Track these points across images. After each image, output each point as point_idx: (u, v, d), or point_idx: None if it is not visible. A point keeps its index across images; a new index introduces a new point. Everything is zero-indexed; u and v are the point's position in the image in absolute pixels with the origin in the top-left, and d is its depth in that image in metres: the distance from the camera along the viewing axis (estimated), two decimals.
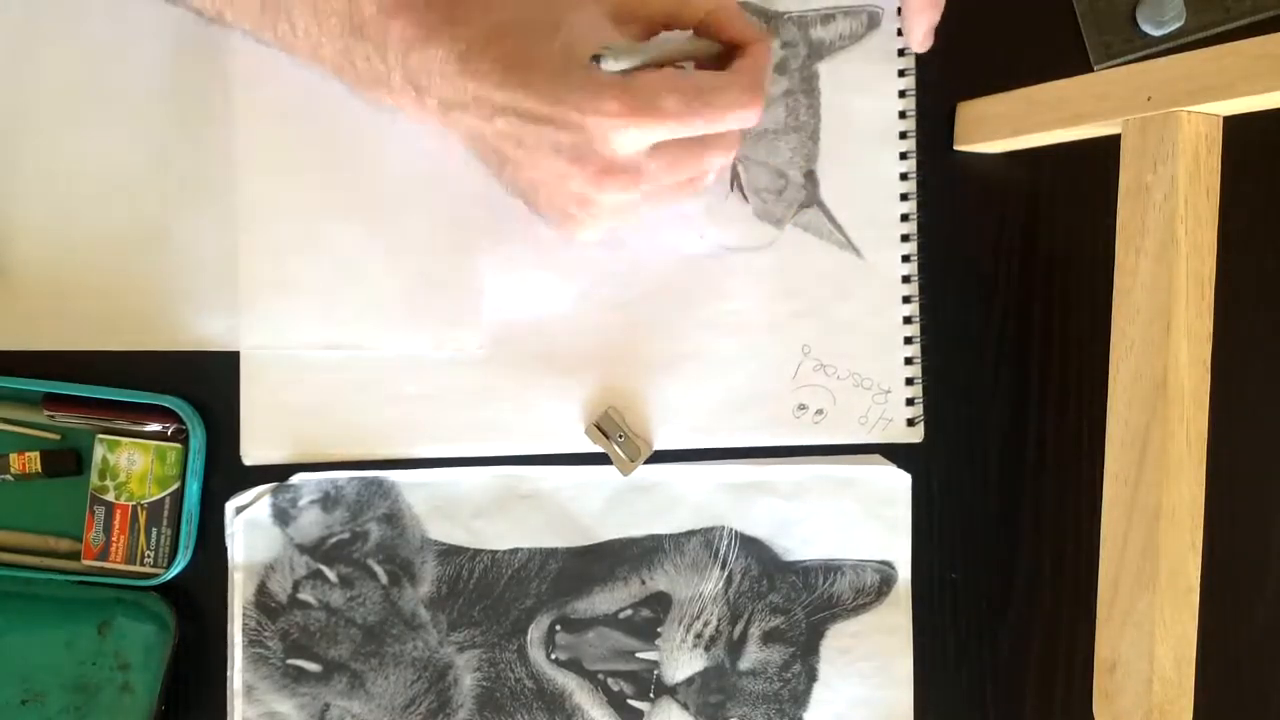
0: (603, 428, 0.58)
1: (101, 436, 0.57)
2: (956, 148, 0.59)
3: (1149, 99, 0.49)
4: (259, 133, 0.57)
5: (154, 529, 0.57)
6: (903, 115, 0.58)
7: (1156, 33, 0.58)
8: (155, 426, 0.57)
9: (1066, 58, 0.58)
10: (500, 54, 0.47)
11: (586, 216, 0.51)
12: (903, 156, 0.59)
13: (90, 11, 0.57)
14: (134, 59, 0.57)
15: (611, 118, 0.46)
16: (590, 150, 0.48)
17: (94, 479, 0.57)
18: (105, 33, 0.57)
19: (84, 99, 0.58)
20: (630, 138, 0.47)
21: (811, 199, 0.59)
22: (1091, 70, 0.58)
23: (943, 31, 0.58)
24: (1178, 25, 0.57)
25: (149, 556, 0.57)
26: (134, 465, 0.57)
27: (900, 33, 0.58)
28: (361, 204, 0.57)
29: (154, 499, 0.57)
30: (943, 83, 0.58)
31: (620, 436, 0.58)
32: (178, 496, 0.57)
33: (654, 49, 0.48)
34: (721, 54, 0.52)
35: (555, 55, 0.47)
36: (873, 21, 0.59)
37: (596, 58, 0.45)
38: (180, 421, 0.57)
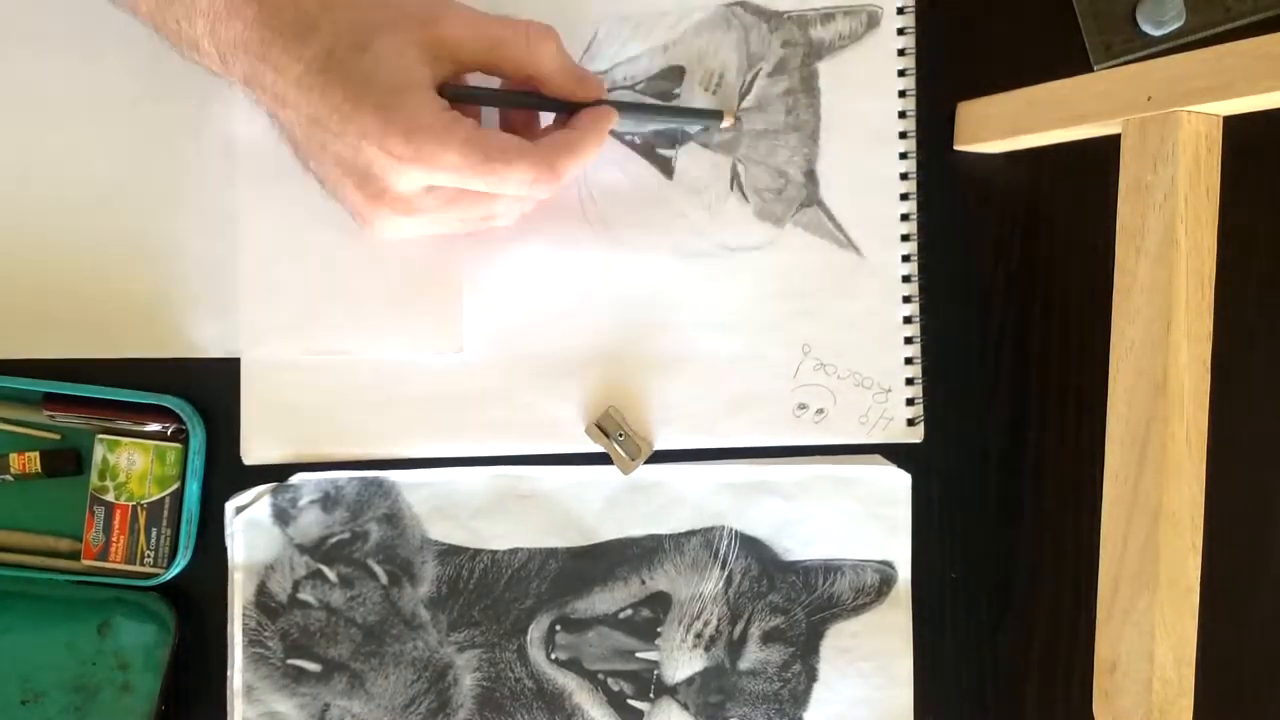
0: (603, 427, 0.58)
1: (101, 436, 0.57)
2: (956, 148, 0.58)
3: (1149, 99, 0.49)
4: (254, 140, 0.57)
5: (154, 529, 0.57)
6: (902, 115, 0.58)
7: (1156, 33, 0.57)
8: (155, 426, 0.57)
9: (1066, 58, 0.58)
10: (303, 53, 0.47)
11: (367, 225, 0.52)
12: (902, 156, 0.59)
13: (86, 17, 0.57)
14: (131, 65, 0.58)
15: (391, 157, 0.47)
16: (369, 173, 0.48)
17: (94, 479, 0.57)
18: (104, 38, 0.57)
19: (83, 106, 0.58)
20: (407, 178, 0.48)
21: (812, 198, 0.59)
22: (1091, 70, 0.58)
23: (943, 31, 0.58)
24: (1178, 25, 0.57)
25: (149, 556, 0.57)
26: (134, 465, 0.57)
27: (900, 32, 0.58)
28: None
29: (154, 499, 0.57)
30: (943, 83, 0.58)
31: (621, 435, 0.58)
32: (177, 496, 0.57)
33: (484, 92, 0.50)
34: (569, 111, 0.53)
35: (357, 74, 0.47)
36: (872, 21, 0.59)
37: (442, 90, 0.46)
38: (180, 421, 0.57)
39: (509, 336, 0.58)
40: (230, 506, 0.58)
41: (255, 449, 0.58)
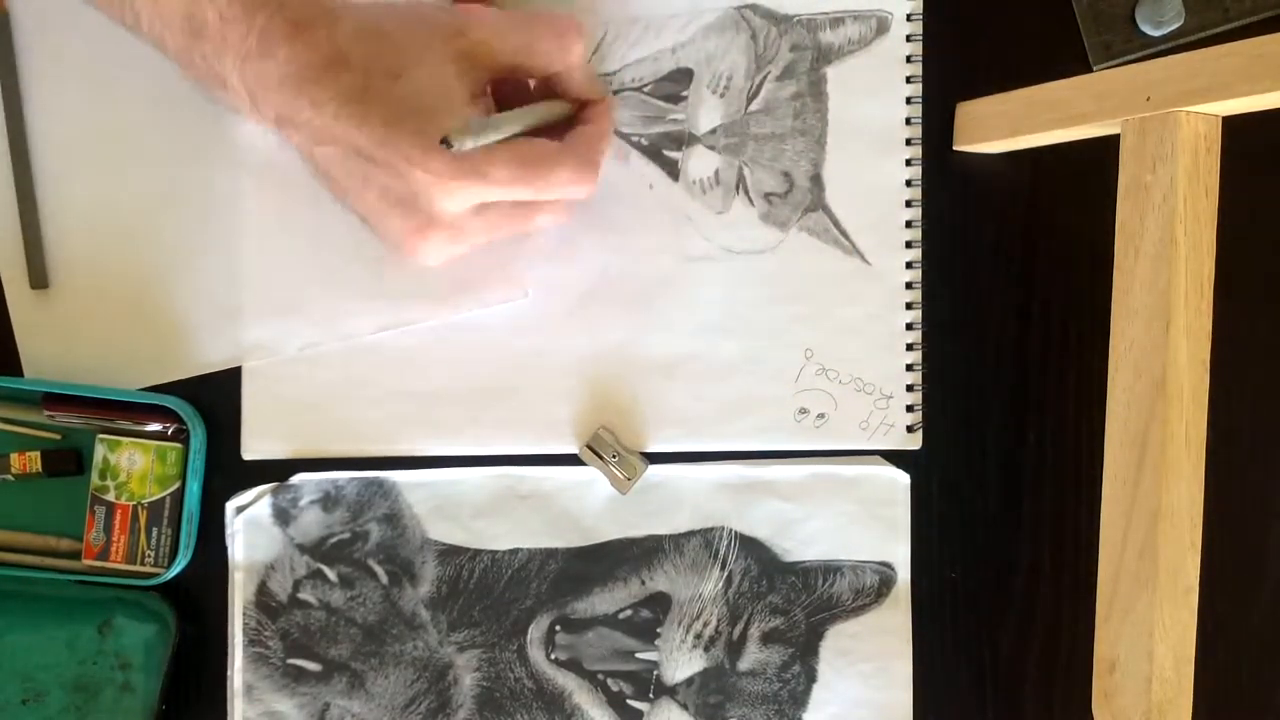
0: (596, 449, 0.58)
1: (102, 436, 0.57)
2: (956, 148, 0.59)
3: (1148, 99, 0.49)
4: (260, 148, 0.58)
5: (154, 529, 0.57)
6: (909, 121, 0.58)
7: (1155, 33, 0.58)
8: (156, 426, 0.57)
9: (1066, 58, 0.58)
10: (339, 86, 0.47)
11: (413, 254, 0.51)
12: (908, 163, 0.59)
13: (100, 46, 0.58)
14: (141, 91, 0.58)
15: (439, 177, 0.47)
16: (414, 201, 0.48)
17: (94, 479, 0.57)
18: (117, 69, 0.58)
19: (113, 139, 0.58)
20: (456, 198, 0.48)
21: (817, 203, 0.59)
22: (1091, 70, 0.58)
23: (942, 32, 0.58)
24: (1177, 25, 0.57)
25: (149, 556, 0.57)
26: (134, 465, 0.57)
27: (909, 39, 0.58)
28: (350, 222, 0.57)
29: (154, 499, 0.57)
30: (942, 83, 0.58)
31: (614, 456, 0.58)
32: (178, 496, 0.57)
33: (504, 123, 0.48)
34: (574, 113, 0.54)
35: (394, 100, 0.47)
36: (882, 26, 0.59)
37: (446, 141, 0.45)
38: (180, 421, 0.57)
39: (509, 336, 0.58)
40: (231, 506, 0.58)
41: (255, 443, 0.58)
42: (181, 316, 0.58)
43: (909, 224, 0.59)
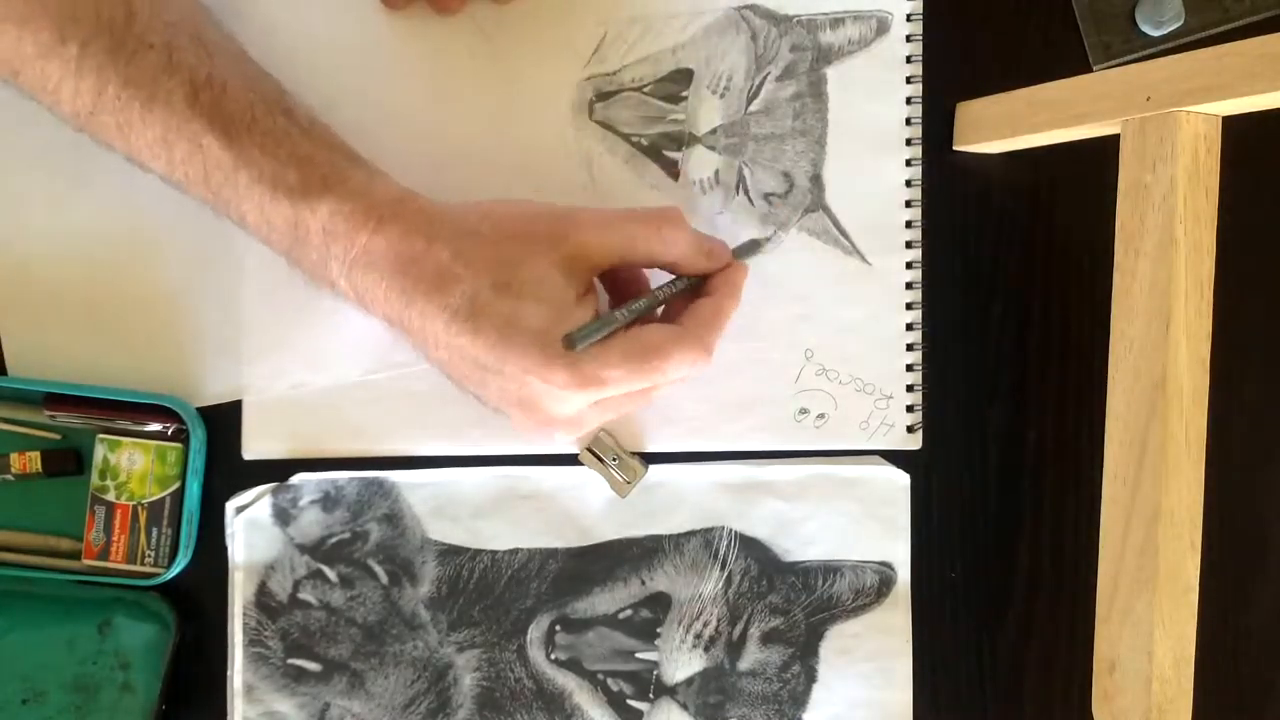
0: (595, 452, 0.58)
1: (102, 436, 0.57)
2: (956, 148, 0.59)
3: (1148, 99, 0.49)
4: None
5: (154, 528, 0.57)
6: (909, 121, 0.58)
7: (1155, 33, 0.58)
8: (156, 426, 0.57)
9: (1066, 58, 0.58)
10: (447, 300, 0.47)
11: (541, 440, 0.53)
12: (908, 163, 0.59)
13: None
14: None
15: (558, 388, 0.47)
16: (535, 403, 0.49)
17: (94, 479, 0.57)
18: None
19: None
20: (574, 402, 0.48)
21: (817, 203, 0.59)
22: (1091, 70, 0.58)
23: (942, 31, 0.58)
24: (1177, 25, 0.57)
25: (149, 556, 0.57)
26: (134, 465, 0.57)
27: (909, 39, 0.58)
28: None
29: (154, 499, 0.57)
30: (942, 83, 0.58)
31: (614, 459, 0.58)
32: (178, 496, 0.57)
33: (619, 319, 0.49)
34: (699, 283, 0.53)
35: (504, 313, 0.47)
36: (882, 27, 0.59)
37: (569, 340, 0.46)
38: (181, 421, 0.57)
39: None
40: (231, 506, 0.58)
41: (256, 442, 0.58)
42: (176, 349, 0.58)
43: (909, 224, 0.59)
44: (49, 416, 0.57)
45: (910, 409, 0.59)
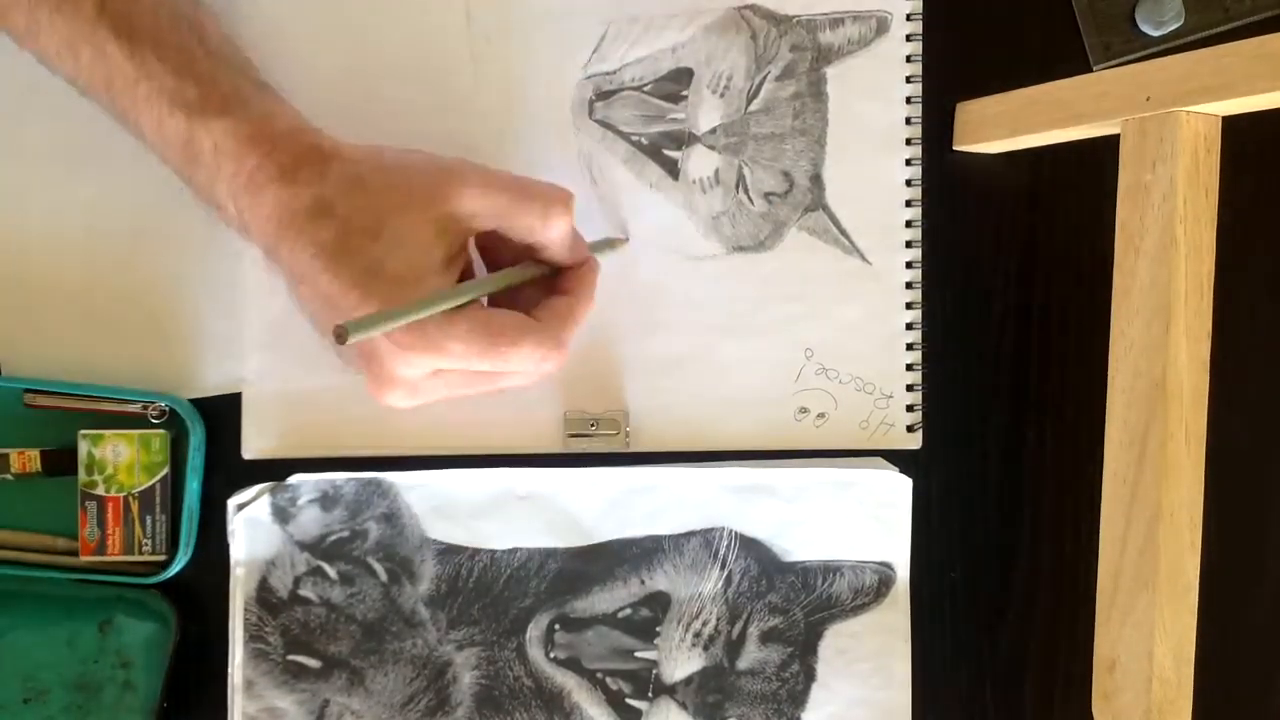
0: (575, 434, 0.58)
1: (84, 432, 0.57)
2: (956, 148, 0.59)
3: (1148, 99, 0.49)
4: None
5: (148, 516, 0.57)
6: (909, 121, 0.59)
7: (1155, 33, 0.58)
8: (135, 407, 0.57)
9: (1066, 58, 0.58)
10: (317, 236, 0.47)
11: (377, 398, 0.51)
12: (908, 163, 0.59)
13: None
14: None
15: (395, 344, 0.47)
16: (375, 356, 0.49)
17: (82, 475, 0.57)
18: None
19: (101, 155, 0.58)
20: (413, 365, 0.48)
21: (817, 202, 0.59)
22: (1091, 70, 0.58)
23: (943, 31, 0.58)
24: (1177, 25, 0.57)
25: (146, 545, 0.57)
26: (120, 457, 0.57)
27: (909, 39, 0.58)
28: None
29: (144, 487, 0.57)
30: (942, 83, 0.59)
31: (592, 425, 0.58)
32: (167, 482, 0.57)
33: (412, 313, 0.46)
34: (552, 274, 0.53)
35: (367, 260, 0.47)
36: (881, 27, 0.59)
37: (339, 333, 0.43)
38: (160, 404, 0.57)
39: None
40: (232, 503, 0.58)
41: (255, 443, 0.58)
42: (173, 343, 0.58)
43: (909, 224, 0.59)
44: (33, 410, 0.57)
45: (910, 409, 0.59)
